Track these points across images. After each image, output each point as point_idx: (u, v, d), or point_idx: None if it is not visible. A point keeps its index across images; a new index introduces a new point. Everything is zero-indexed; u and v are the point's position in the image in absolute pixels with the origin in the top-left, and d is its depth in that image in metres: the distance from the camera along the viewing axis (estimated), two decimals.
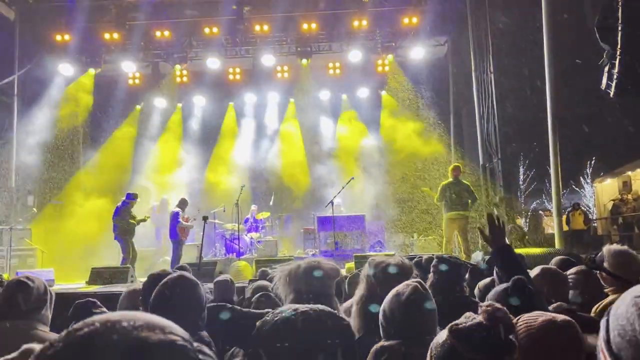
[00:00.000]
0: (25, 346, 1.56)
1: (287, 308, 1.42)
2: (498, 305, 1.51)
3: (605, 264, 2.99)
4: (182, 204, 11.42)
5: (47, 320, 2.55)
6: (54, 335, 2.44)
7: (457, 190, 10.03)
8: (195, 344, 0.73)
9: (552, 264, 3.92)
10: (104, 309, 2.60)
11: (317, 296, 2.14)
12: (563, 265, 3.73)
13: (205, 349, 0.75)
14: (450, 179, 10.23)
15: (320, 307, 1.44)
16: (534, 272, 3.11)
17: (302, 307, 1.41)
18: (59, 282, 9.97)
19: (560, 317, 1.61)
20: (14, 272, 10.13)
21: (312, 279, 2.22)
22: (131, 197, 10.88)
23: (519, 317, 1.65)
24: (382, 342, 2.03)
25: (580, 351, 1.58)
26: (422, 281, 2.11)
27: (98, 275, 9.12)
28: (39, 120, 13.75)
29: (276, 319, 1.37)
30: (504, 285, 2.34)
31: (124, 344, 0.65)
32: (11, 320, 2.43)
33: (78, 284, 9.71)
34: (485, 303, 1.54)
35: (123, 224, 10.52)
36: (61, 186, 14.13)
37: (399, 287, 2.08)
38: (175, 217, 11.09)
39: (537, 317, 1.63)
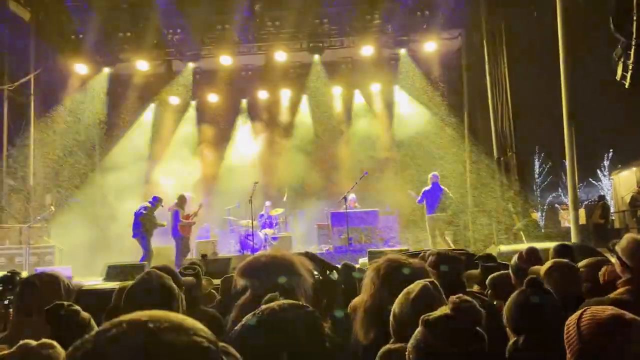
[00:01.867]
0: (22, 342, 1.59)
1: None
2: (466, 297, 1.55)
3: (618, 250, 2.95)
4: (181, 201, 11.49)
5: None
6: None
7: (436, 195, 11.50)
8: (220, 344, 0.75)
9: (551, 251, 3.91)
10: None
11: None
12: (561, 251, 3.72)
13: (230, 349, 0.76)
14: (430, 186, 11.63)
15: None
16: (546, 265, 3.08)
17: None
18: (77, 279, 10.09)
19: (628, 314, 1.58)
20: (33, 270, 10.30)
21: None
22: (157, 200, 11.11)
23: (586, 308, 1.64)
24: (389, 345, 2.01)
25: None
26: (434, 281, 2.07)
27: (114, 272, 9.22)
28: (55, 119, 13.94)
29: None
30: (518, 293, 2.33)
31: (151, 346, 0.67)
32: (33, 317, 2.47)
33: (95, 280, 9.84)
34: (455, 295, 1.57)
35: (147, 223, 10.74)
36: (78, 185, 14.30)
37: (410, 287, 2.04)
38: (175, 216, 11.18)
39: (602, 310, 1.60)
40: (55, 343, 1.62)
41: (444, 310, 1.51)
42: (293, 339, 1.26)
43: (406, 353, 1.56)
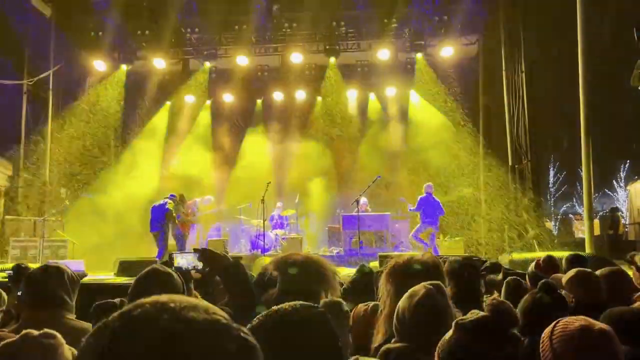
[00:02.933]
0: (24, 331, 1.62)
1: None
2: (502, 299, 1.54)
3: (637, 260, 2.93)
4: (181, 200, 11.53)
5: (72, 308, 2.61)
6: (81, 323, 2.51)
7: (433, 204, 11.53)
8: (236, 325, 0.77)
9: (565, 260, 3.88)
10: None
11: None
12: (575, 261, 3.69)
13: (245, 329, 0.78)
14: (424, 195, 11.61)
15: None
16: (568, 275, 3.06)
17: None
18: (89, 273, 10.20)
19: (597, 323, 1.60)
20: (46, 262, 10.40)
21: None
22: (172, 197, 11.21)
23: (557, 320, 1.66)
24: (390, 344, 2.01)
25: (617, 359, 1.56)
26: (441, 284, 2.04)
27: (126, 267, 9.29)
28: (73, 114, 14.12)
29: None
30: (532, 294, 2.31)
31: (173, 322, 0.70)
32: (41, 309, 2.49)
33: (107, 275, 9.93)
34: (491, 298, 1.57)
35: (171, 218, 10.87)
36: (93, 180, 14.45)
37: (415, 288, 2.02)
38: (176, 213, 11.23)
39: (574, 321, 1.62)
40: (56, 333, 1.65)
41: (480, 313, 1.51)
42: (304, 339, 1.26)
43: (436, 354, 1.55)
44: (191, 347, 0.69)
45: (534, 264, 3.58)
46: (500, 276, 4.03)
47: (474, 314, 1.53)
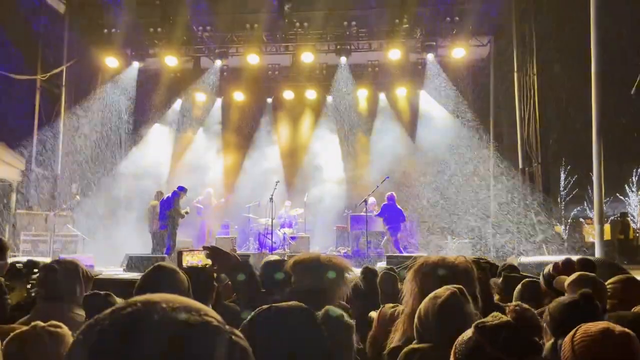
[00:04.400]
0: (33, 322, 1.69)
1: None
2: (526, 306, 1.51)
3: None
4: (159, 197, 11.54)
5: (81, 302, 2.64)
6: None
7: (396, 211, 11.81)
8: (227, 327, 0.77)
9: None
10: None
11: None
12: (583, 265, 3.66)
13: (237, 332, 0.79)
14: (386, 202, 11.85)
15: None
16: (570, 278, 3.04)
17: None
18: (98, 267, 10.29)
19: (619, 327, 1.61)
20: (56, 257, 10.51)
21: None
22: (182, 189, 11.25)
23: (579, 326, 1.67)
24: (414, 345, 2.00)
25: None
26: (463, 288, 2.02)
27: (135, 263, 9.37)
28: (85, 110, 14.23)
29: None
30: (570, 298, 2.30)
31: (164, 323, 0.70)
32: (50, 303, 2.52)
33: (117, 270, 10.02)
34: (514, 303, 1.54)
35: (174, 214, 10.91)
36: (104, 175, 14.55)
37: (438, 290, 2.02)
38: (153, 210, 11.26)
39: (595, 325, 1.64)
40: (61, 324, 1.70)
41: (503, 317, 1.48)
42: (291, 337, 1.26)
43: (452, 353, 1.54)
44: (180, 348, 0.69)
45: (551, 266, 3.55)
46: (500, 279, 4.00)
47: (495, 318, 1.50)
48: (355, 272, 2.63)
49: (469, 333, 1.49)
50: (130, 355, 0.68)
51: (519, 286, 3.57)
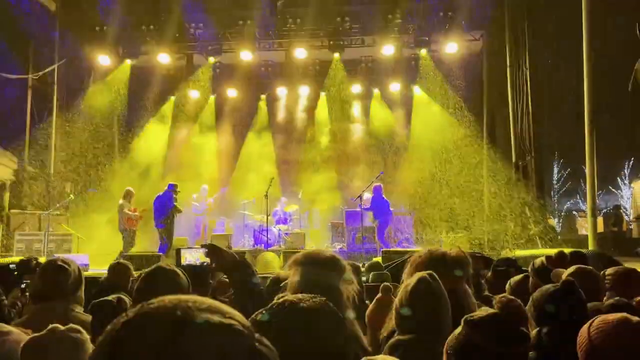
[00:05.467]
0: (51, 325, 1.65)
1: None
2: (512, 297, 1.56)
3: None
4: (128, 195, 11.49)
5: (82, 301, 2.65)
6: (88, 316, 2.54)
7: (382, 203, 11.90)
8: (256, 335, 0.77)
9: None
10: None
11: None
12: (575, 258, 3.70)
13: (263, 339, 0.79)
14: (372, 194, 11.91)
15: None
16: (568, 271, 3.08)
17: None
18: (94, 267, 10.26)
19: (636, 318, 1.65)
20: (51, 257, 10.47)
21: None
22: (173, 187, 11.23)
23: (596, 317, 1.71)
24: (398, 336, 2.03)
25: None
26: (433, 273, 2.06)
27: (129, 261, 9.34)
28: (77, 109, 14.16)
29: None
30: (553, 287, 2.33)
31: (188, 320, 0.71)
32: (51, 302, 2.53)
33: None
34: (500, 295, 1.58)
35: (174, 212, 10.91)
36: (97, 174, 14.50)
37: (409, 279, 2.07)
38: (121, 209, 11.23)
39: (613, 315, 1.68)
40: (81, 328, 1.68)
41: (490, 310, 1.53)
42: (313, 331, 1.26)
43: (444, 351, 1.57)
44: (202, 348, 0.69)
45: (542, 258, 3.58)
46: (489, 272, 4.05)
47: (483, 311, 1.55)
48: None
49: (459, 328, 1.53)
50: (152, 352, 0.68)
51: (510, 282, 3.60)
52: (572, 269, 3.07)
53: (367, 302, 3.63)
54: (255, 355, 0.74)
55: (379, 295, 3.53)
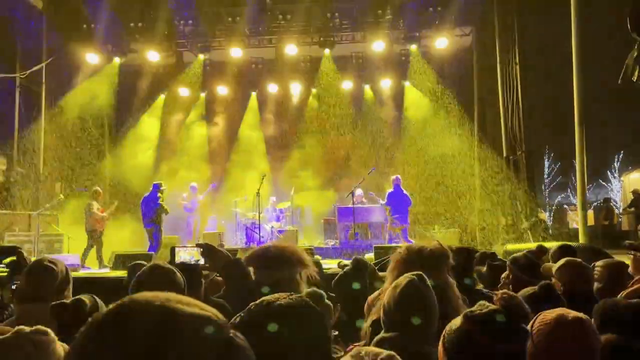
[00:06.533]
0: (17, 327, 1.63)
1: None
2: (513, 293, 1.55)
3: None
4: (95, 195, 11.43)
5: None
6: None
7: (401, 199, 11.45)
8: (228, 323, 0.79)
9: (553, 251, 3.94)
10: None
11: None
12: (564, 251, 3.74)
13: (240, 335, 0.80)
14: (392, 189, 11.52)
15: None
16: (559, 263, 3.11)
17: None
18: (85, 266, 10.20)
19: (573, 313, 1.64)
20: (41, 257, 10.36)
21: None
22: (158, 187, 11.16)
23: (538, 314, 1.70)
24: (383, 334, 2.04)
25: (590, 348, 1.59)
26: (423, 274, 2.09)
27: (121, 261, 9.29)
28: (66, 108, 14.03)
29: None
30: (531, 290, 2.35)
31: (163, 311, 0.72)
32: (37, 302, 2.49)
33: (103, 268, 9.94)
34: (501, 291, 1.58)
35: (160, 211, 10.85)
36: (87, 173, 14.39)
37: (399, 279, 2.09)
38: (88, 209, 11.15)
39: (551, 312, 1.68)
40: (48, 330, 1.65)
41: (491, 306, 1.53)
42: (292, 328, 1.25)
43: (439, 346, 1.57)
44: (181, 340, 0.70)
45: (522, 254, 3.62)
46: (484, 268, 4.06)
47: (483, 306, 1.54)
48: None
49: (457, 322, 1.53)
50: (134, 344, 0.69)
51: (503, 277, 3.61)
52: (562, 261, 3.12)
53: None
54: (231, 345, 0.76)
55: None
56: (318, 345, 1.28)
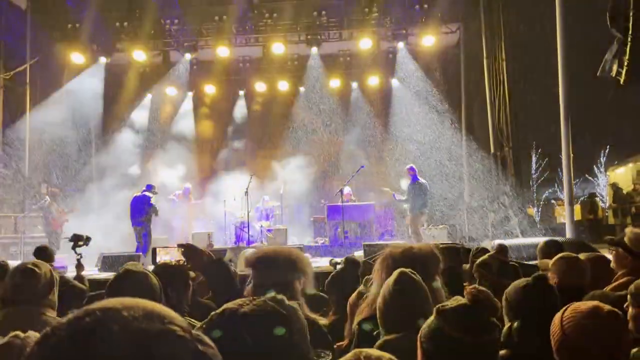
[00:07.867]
0: (13, 333, 1.61)
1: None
2: (482, 288, 1.59)
3: (626, 240, 3.06)
4: (54, 195, 11.39)
5: (54, 304, 2.59)
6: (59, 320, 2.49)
7: (419, 188, 10.59)
8: (194, 333, 0.74)
9: (540, 246, 3.99)
10: None
11: None
12: (550, 246, 3.78)
13: (205, 338, 0.76)
14: (410, 179, 10.70)
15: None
16: (555, 258, 3.17)
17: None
18: (72, 269, 10.08)
19: (607, 307, 1.70)
20: (28, 259, 10.26)
21: None
22: (151, 188, 11.11)
23: (569, 305, 1.77)
24: (385, 337, 2.04)
25: (621, 342, 1.65)
26: (413, 270, 2.10)
27: (109, 262, 9.23)
28: (51, 109, 13.86)
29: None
30: (524, 281, 2.36)
31: (125, 334, 0.66)
32: (20, 306, 2.47)
33: (92, 270, 9.84)
34: (471, 286, 1.61)
35: (152, 212, 10.80)
36: (74, 175, 14.26)
37: (390, 277, 2.10)
38: (47, 208, 11.11)
39: (585, 304, 1.74)
40: (30, 335, 1.64)
41: (461, 300, 1.56)
42: (257, 335, 1.23)
43: (417, 341, 1.59)
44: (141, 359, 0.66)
45: (488, 256, 3.67)
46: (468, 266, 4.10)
47: (455, 301, 1.57)
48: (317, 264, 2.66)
49: (431, 318, 1.56)
50: None
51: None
52: (559, 256, 3.19)
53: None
54: (201, 357, 0.72)
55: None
56: (287, 351, 1.25)
